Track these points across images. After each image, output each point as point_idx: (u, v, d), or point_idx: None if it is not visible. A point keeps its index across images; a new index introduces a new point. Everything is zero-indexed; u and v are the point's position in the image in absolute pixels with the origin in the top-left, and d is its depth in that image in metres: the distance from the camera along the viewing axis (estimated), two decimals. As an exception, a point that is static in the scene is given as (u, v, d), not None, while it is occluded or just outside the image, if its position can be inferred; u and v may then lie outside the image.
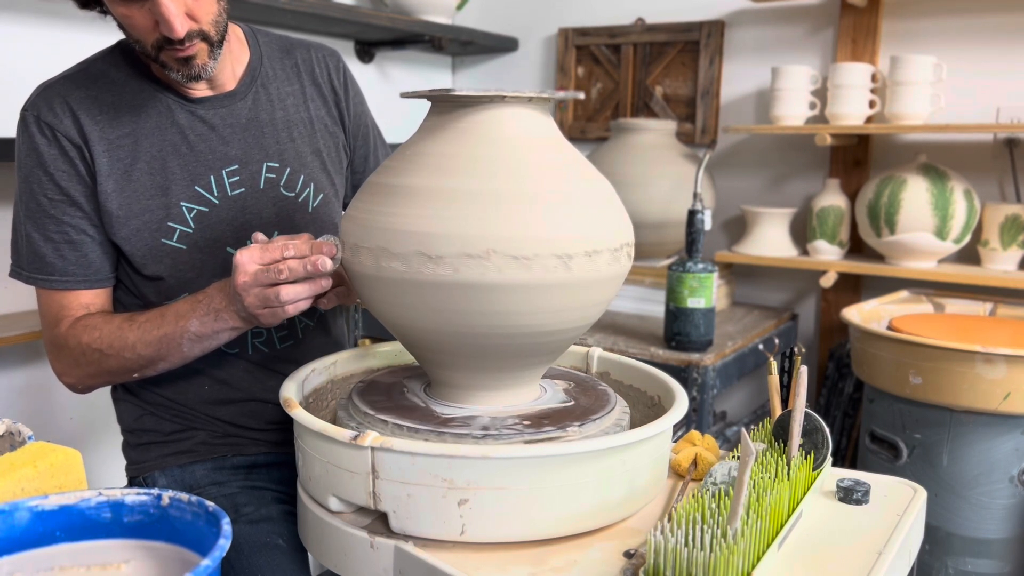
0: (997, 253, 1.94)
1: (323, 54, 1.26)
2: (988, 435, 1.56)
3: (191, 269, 1.11)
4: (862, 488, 0.92)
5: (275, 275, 0.93)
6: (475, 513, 0.80)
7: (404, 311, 0.88)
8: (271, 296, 0.94)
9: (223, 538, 0.67)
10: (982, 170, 2.03)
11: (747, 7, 2.28)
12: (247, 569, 1.01)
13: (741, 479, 0.73)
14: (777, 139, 2.29)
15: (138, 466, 1.20)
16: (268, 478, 1.19)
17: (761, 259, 2.15)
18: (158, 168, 1.09)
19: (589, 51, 2.54)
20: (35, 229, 1.08)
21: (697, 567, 0.69)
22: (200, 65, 1.03)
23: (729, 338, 1.90)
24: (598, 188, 0.91)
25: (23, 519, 0.73)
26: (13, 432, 0.88)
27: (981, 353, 1.50)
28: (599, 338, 1.88)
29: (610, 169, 2.02)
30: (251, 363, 1.18)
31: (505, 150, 0.87)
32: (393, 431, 0.89)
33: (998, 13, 1.97)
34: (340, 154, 1.26)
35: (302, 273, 0.93)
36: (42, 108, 1.06)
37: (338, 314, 1.31)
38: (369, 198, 0.90)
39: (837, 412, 2.14)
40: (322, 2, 1.99)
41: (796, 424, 0.92)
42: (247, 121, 1.15)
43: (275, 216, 1.16)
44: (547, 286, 0.84)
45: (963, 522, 1.61)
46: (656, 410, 1.03)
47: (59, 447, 0.80)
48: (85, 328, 1.07)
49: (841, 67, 2.00)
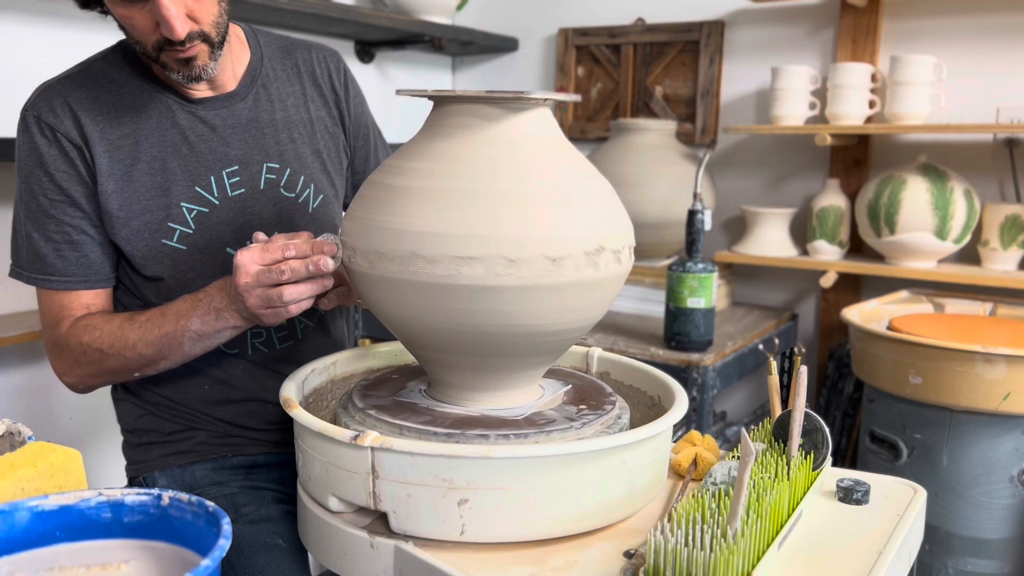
0: (997, 253, 1.94)
1: (323, 54, 1.26)
2: (988, 435, 1.56)
3: (191, 270, 1.11)
4: (862, 488, 0.92)
5: (277, 276, 0.93)
6: (475, 513, 0.80)
7: (405, 311, 0.88)
8: (274, 296, 0.94)
9: (223, 538, 0.67)
10: (982, 170, 2.03)
11: (747, 7, 2.28)
12: (247, 569, 1.02)
13: (741, 479, 0.73)
14: (777, 139, 2.29)
15: (138, 466, 1.20)
16: (268, 478, 1.19)
17: (761, 259, 2.15)
18: (158, 169, 1.09)
19: (589, 51, 2.53)
20: (35, 229, 1.08)
21: (697, 567, 0.69)
22: (201, 66, 1.03)
23: (729, 338, 1.90)
24: (599, 189, 0.91)
25: (23, 519, 0.73)
26: (13, 432, 0.88)
27: (981, 353, 1.50)
28: (599, 338, 1.88)
29: (610, 169, 2.02)
30: (251, 363, 1.18)
31: (506, 151, 0.87)
32: (393, 431, 0.89)
33: (998, 13, 1.97)
34: (340, 155, 1.26)
35: (304, 273, 0.94)
36: (42, 108, 1.06)
37: (338, 314, 1.31)
38: (370, 198, 0.90)
39: (837, 412, 2.13)
40: (322, 2, 1.99)
41: (796, 424, 0.92)
42: (247, 122, 1.15)
43: (275, 217, 1.16)
44: (548, 287, 0.84)
45: (963, 522, 1.61)
46: (656, 410, 1.03)
47: (59, 447, 0.80)
48: (86, 328, 1.07)
49: (841, 67, 2.00)
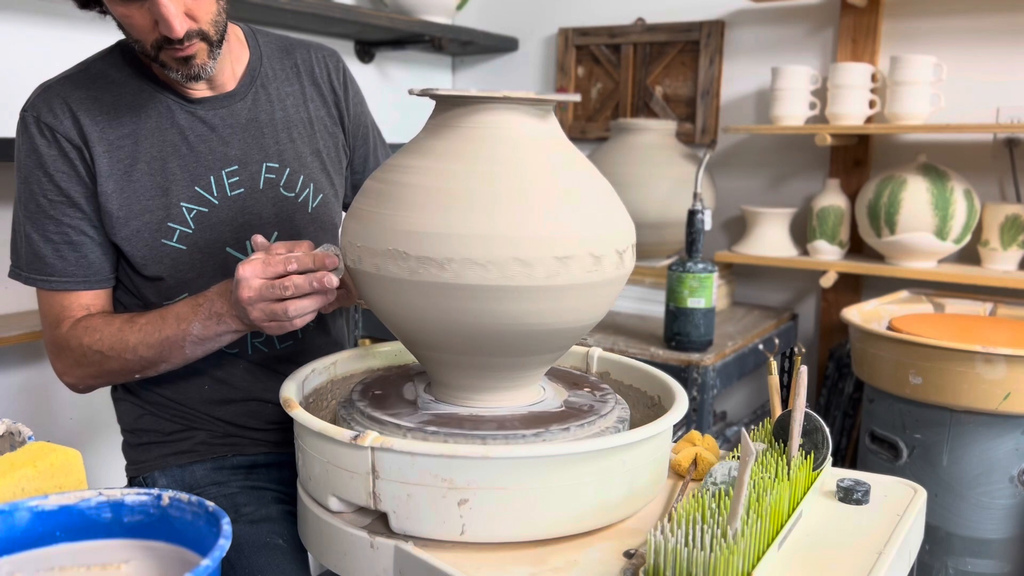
0: (997, 253, 1.93)
1: (323, 54, 1.26)
2: (988, 435, 1.56)
3: (191, 270, 1.11)
4: (862, 488, 0.92)
5: (281, 291, 0.94)
6: (475, 513, 0.80)
7: (406, 311, 0.88)
8: (279, 311, 0.95)
9: (223, 538, 0.67)
10: (982, 170, 2.03)
11: (747, 7, 2.28)
12: (247, 569, 1.02)
13: (741, 479, 0.73)
14: (777, 139, 2.29)
15: (138, 466, 1.20)
16: (268, 478, 1.19)
17: (761, 259, 2.15)
18: (158, 168, 1.09)
19: (589, 51, 2.53)
20: (35, 230, 1.08)
21: (697, 567, 0.69)
22: (199, 65, 1.03)
23: (729, 338, 1.90)
24: (601, 190, 0.91)
25: (23, 519, 0.73)
26: (13, 432, 0.88)
27: (981, 353, 1.50)
28: (599, 338, 1.88)
29: (610, 169, 2.02)
30: (251, 363, 1.18)
31: (509, 151, 0.87)
32: (393, 431, 0.89)
33: (998, 13, 1.97)
34: (340, 154, 1.26)
35: (308, 290, 0.94)
36: (42, 109, 1.06)
37: (338, 314, 1.31)
38: (372, 197, 0.90)
39: (837, 412, 2.13)
40: (322, 2, 1.99)
41: (796, 424, 0.92)
42: (247, 121, 1.15)
43: (275, 216, 1.16)
44: (549, 288, 0.84)
45: (963, 522, 1.61)
46: (656, 410, 1.03)
47: (59, 447, 0.80)
48: (86, 330, 1.07)
49: (841, 67, 2.00)
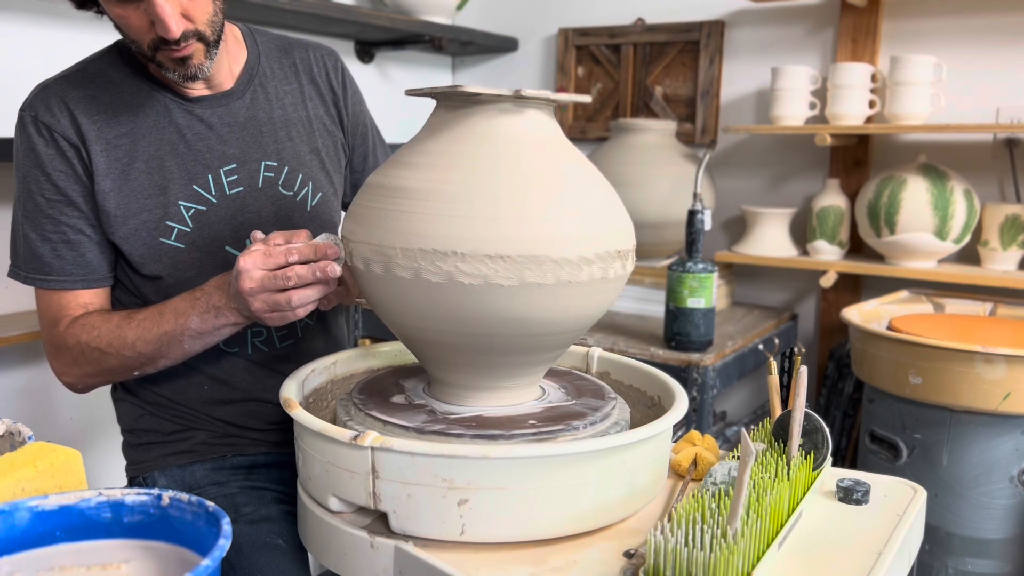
0: (997, 253, 1.93)
1: (321, 53, 1.26)
2: (988, 435, 1.56)
3: (190, 268, 1.11)
4: (862, 488, 0.92)
5: (283, 282, 0.94)
6: (475, 513, 0.80)
7: (406, 310, 0.88)
8: (281, 301, 0.95)
9: (223, 538, 0.67)
10: (982, 170, 2.03)
11: (747, 7, 2.28)
12: (247, 569, 1.01)
13: (741, 479, 0.73)
14: (777, 139, 2.29)
15: (138, 466, 1.20)
16: (268, 478, 1.19)
17: (761, 259, 2.15)
18: (156, 167, 1.09)
19: (589, 51, 2.53)
20: (32, 229, 1.08)
21: (697, 567, 0.69)
22: (196, 65, 1.03)
23: (729, 338, 1.90)
24: (602, 191, 0.91)
25: (23, 519, 0.73)
26: (13, 432, 0.87)
27: (981, 353, 1.50)
28: (599, 338, 1.88)
29: (610, 169, 2.02)
30: (251, 363, 1.18)
31: (510, 150, 0.87)
32: (393, 431, 0.89)
33: (998, 13, 1.97)
34: (338, 153, 1.26)
35: (311, 279, 0.94)
36: (39, 108, 1.06)
37: (338, 314, 1.31)
38: (373, 197, 0.90)
39: (837, 412, 2.13)
40: (322, 2, 1.99)
41: (796, 424, 0.92)
42: (245, 120, 1.15)
43: (274, 215, 1.16)
44: (549, 288, 0.83)
45: (963, 522, 1.61)
46: (656, 410, 1.03)
47: (59, 447, 0.80)
48: (84, 327, 1.07)
49: (841, 67, 2.00)
